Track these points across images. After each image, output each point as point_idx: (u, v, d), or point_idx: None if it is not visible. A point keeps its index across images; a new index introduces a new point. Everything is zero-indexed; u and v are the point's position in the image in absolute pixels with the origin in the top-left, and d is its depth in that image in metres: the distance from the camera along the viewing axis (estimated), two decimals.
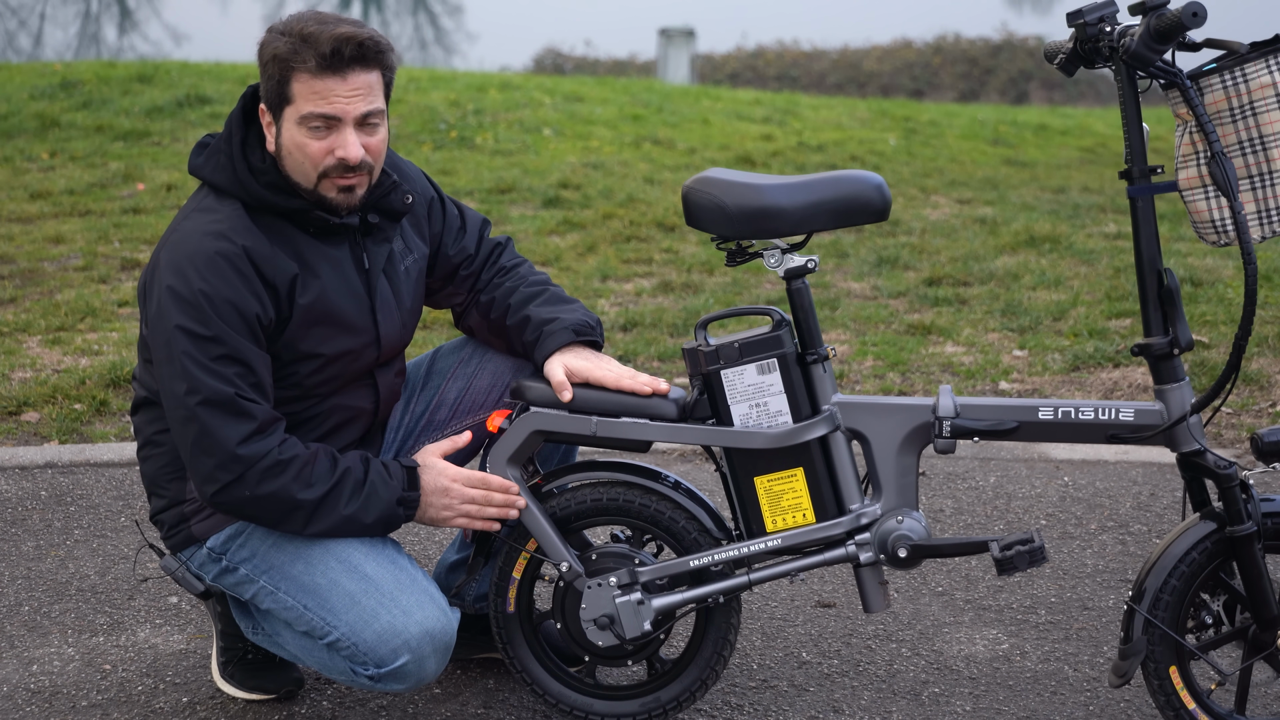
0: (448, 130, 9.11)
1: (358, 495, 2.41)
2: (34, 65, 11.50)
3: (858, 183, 2.46)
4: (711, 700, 2.81)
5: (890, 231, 7.01)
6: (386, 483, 2.44)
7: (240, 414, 2.34)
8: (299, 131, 2.39)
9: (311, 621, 2.47)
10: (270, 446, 2.35)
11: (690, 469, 4.06)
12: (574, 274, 6.17)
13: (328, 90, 2.36)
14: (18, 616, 3.16)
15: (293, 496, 2.37)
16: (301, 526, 2.40)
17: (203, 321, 2.33)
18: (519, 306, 2.65)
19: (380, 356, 2.58)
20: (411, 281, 2.62)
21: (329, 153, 2.39)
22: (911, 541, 2.51)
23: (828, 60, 19.27)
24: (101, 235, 6.62)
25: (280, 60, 2.36)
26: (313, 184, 2.43)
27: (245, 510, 2.39)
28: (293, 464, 2.36)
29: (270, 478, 2.35)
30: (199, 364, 2.33)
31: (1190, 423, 2.41)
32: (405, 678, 2.43)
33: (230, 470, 2.34)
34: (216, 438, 2.33)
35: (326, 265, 2.47)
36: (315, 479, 2.38)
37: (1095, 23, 2.36)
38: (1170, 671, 2.47)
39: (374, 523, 2.44)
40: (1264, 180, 2.32)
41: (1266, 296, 5.52)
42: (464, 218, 2.73)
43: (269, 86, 2.40)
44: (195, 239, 2.38)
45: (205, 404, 2.32)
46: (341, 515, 2.41)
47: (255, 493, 2.35)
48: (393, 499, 2.44)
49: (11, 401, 4.46)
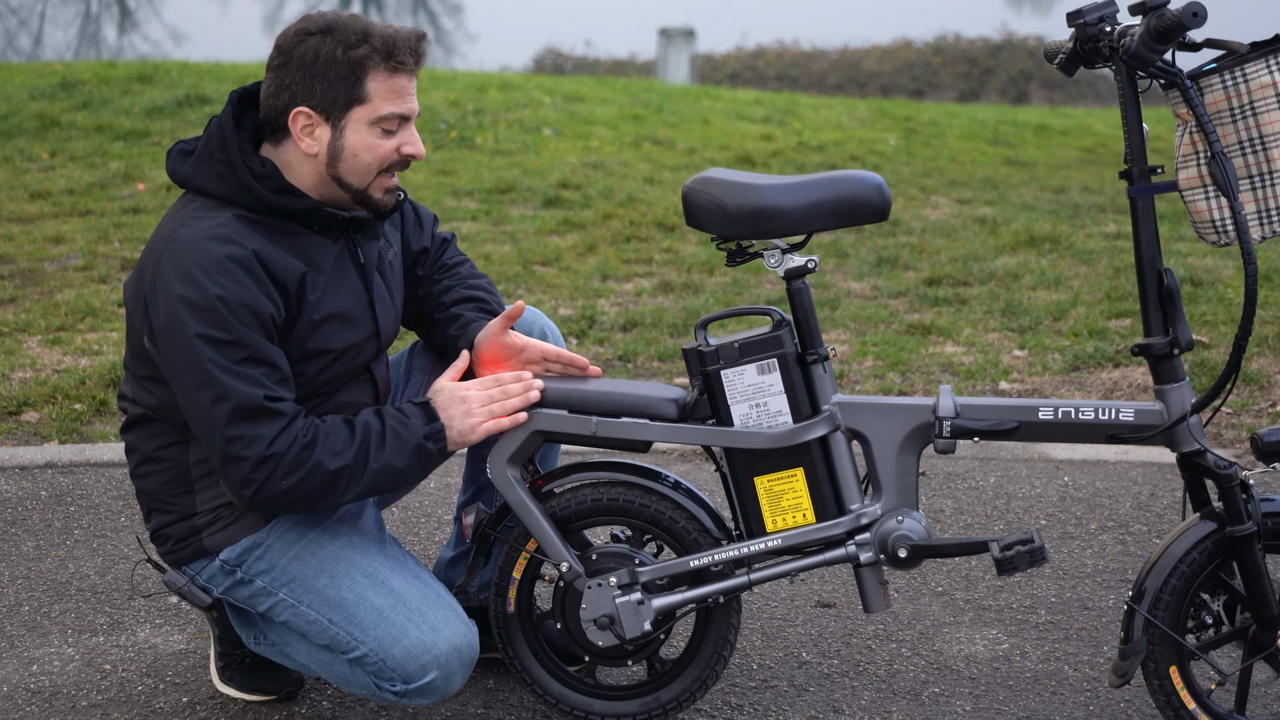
0: (448, 130, 9.11)
1: (383, 446, 2.38)
2: (34, 65, 11.50)
3: (858, 183, 2.46)
4: (711, 700, 2.81)
5: (890, 231, 7.01)
6: (406, 424, 2.41)
7: (270, 415, 2.31)
8: (370, 133, 2.38)
9: (336, 636, 2.45)
10: (295, 434, 2.33)
11: (690, 469, 4.06)
12: (574, 274, 6.17)
13: (403, 89, 2.39)
14: (18, 616, 3.16)
15: (325, 470, 2.34)
16: (342, 494, 2.37)
17: (222, 327, 2.30)
18: (451, 304, 2.69)
19: (380, 349, 2.60)
20: (396, 275, 2.64)
21: (395, 151, 2.41)
22: (911, 541, 2.51)
23: (828, 60, 19.28)
24: (101, 235, 6.62)
25: (358, 61, 2.35)
26: (368, 184, 2.43)
27: (285, 501, 2.35)
28: (315, 442, 2.34)
29: (300, 463, 2.32)
30: (225, 369, 2.29)
31: (1190, 423, 2.41)
32: (432, 693, 2.43)
33: (264, 469, 2.31)
34: (249, 443, 2.30)
35: (329, 262, 2.47)
36: (340, 446, 2.36)
37: (1095, 23, 2.36)
38: (1170, 671, 2.47)
39: (408, 466, 2.40)
40: (1264, 180, 2.32)
41: (1266, 296, 5.52)
42: (418, 213, 2.76)
43: (331, 88, 2.36)
44: (201, 245, 2.33)
45: (236, 411, 2.29)
46: (374, 470, 2.37)
47: (290, 482, 2.32)
48: (418, 437, 2.40)
49: (11, 401, 4.46)
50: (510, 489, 2.52)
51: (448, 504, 3.79)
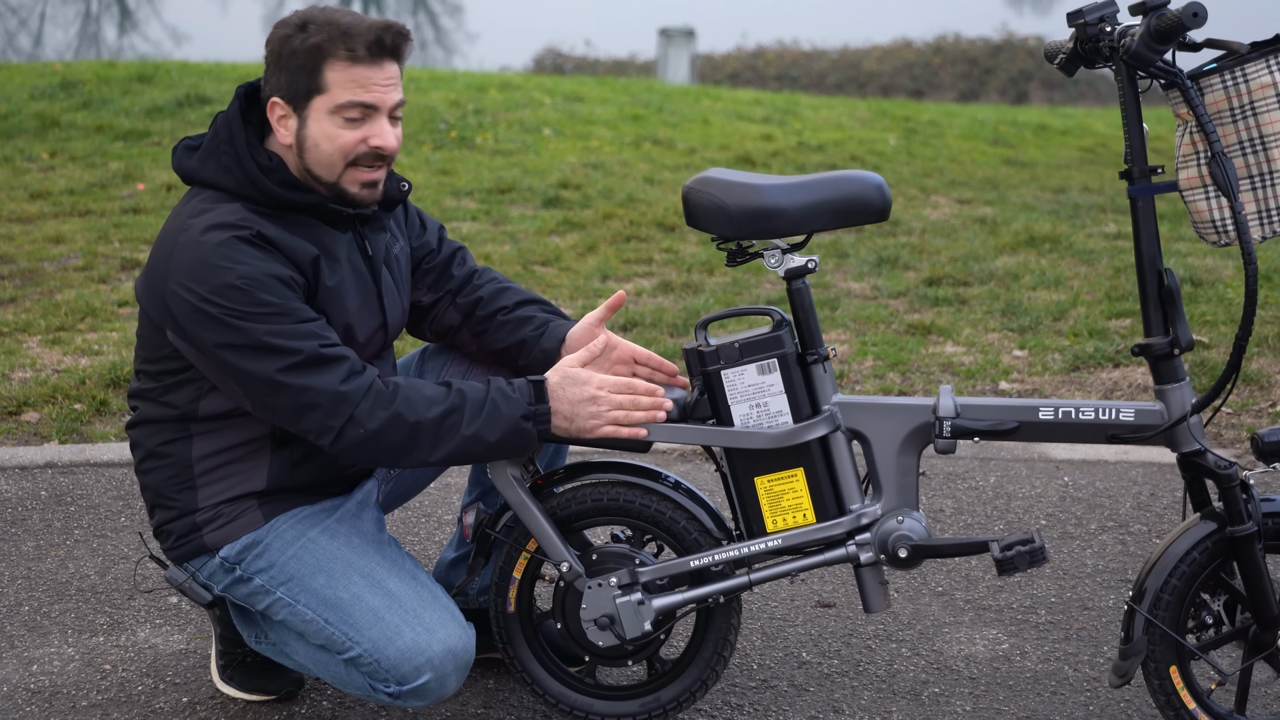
0: (448, 130, 9.11)
1: (478, 414, 2.35)
2: (34, 65, 11.50)
3: (858, 183, 2.46)
4: (711, 700, 2.81)
5: (890, 231, 7.01)
6: (509, 398, 2.38)
7: (331, 361, 2.31)
8: (331, 122, 2.38)
9: (331, 636, 2.45)
10: (370, 378, 2.33)
11: (690, 469, 4.06)
12: (574, 274, 6.17)
13: (366, 79, 2.36)
14: (18, 616, 3.16)
15: (409, 421, 2.32)
16: (429, 452, 2.35)
17: (256, 302, 2.30)
18: (515, 306, 2.68)
19: (387, 341, 2.60)
20: (403, 269, 2.65)
21: (361, 142, 2.39)
22: (912, 542, 2.51)
23: (828, 60, 19.28)
24: (101, 235, 6.62)
25: (315, 49, 2.35)
26: (336, 176, 2.42)
27: (370, 449, 2.34)
28: (400, 390, 2.33)
29: (380, 407, 2.31)
30: (273, 334, 2.29)
31: (1190, 423, 2.41)
32: (426, 695, 2.42)
33: (340, 414, 2.30)
34: (316, 388, 2.30)
35: (341, 251, 2.48)
36: (431, 401, 2.34)
37: (1095, 23, 2.36)
38: (1170, 671, 2.47)
39: (500, 441, 2.37)
40: (1264, 180, 2.32)
41: (1266, 296, 5.52)
42: (421, 217, 2.76)
43: (293, 78, 2.38)
44: (214, 233, 2.34)
45: (296, 368, 2.30)
46: (464, 435, 2.35)
47: (371, 427, 2.31)
48: (517, 414, 2.37)
49: (11, 401, 4.46)
50: (510, 489, 2.52)
51: (448, 504, 3.79)
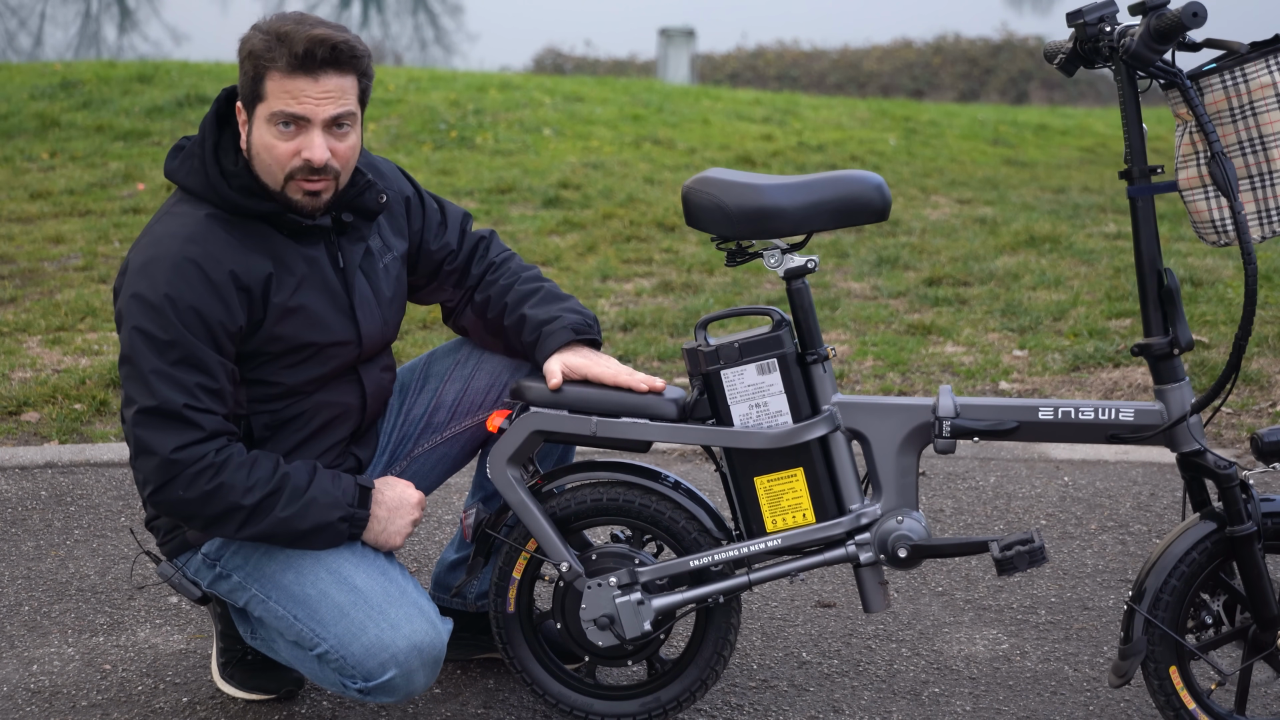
0: (448, 130, 9.11)
1: (295, 501, 2.39)
2: (34, 65, 11.50)
3: (858, 183, 2.46)
4: (711, 700, 2.81)
5: (890, 231, 7.01)
6: (331, 496, 2.42)
7: (185, 423, 2.33)
8: (267, 130, 2.38)
9: (301, 632, 2.46)
10: (206, 451, 2.34)
11: (690, 469, 4.06)
12: (574, 274, 6.17)
13: (298, 90, 2.35)
14: (18, 616, 3.16)
15: (225, 501, 2.36)
16: (237, 530, 2.39)
17: (162, 326, 2.33)
18: (515, 305, 2.65)
19: (362, 353, 2.58)
20: (391, 278, 2.62)
21: (295, 154, 2.38)
22: (911, 541, 2.51)
23: (828, 60, 19.28)
24: (101, 235, 6.62)
25: (255, 57, 2.36)
26: (279, 185, 2.41)
27: (181, 511, 2.39)
28: (227, 466, 2.35)
29: (203, 479, 2.34)
30: (154, 368, 2.33)
31: (1190, 423, 2.41)
32: (393, 691, 2.43)
33: (165, 473, 2.34)
34: (154, 444, 2.33)
35: (302, 264, 2.47)
36: (251, 488, 2.37)
37: (1095, 23, 2.36)
38: (1170, 671, 2.47)
39: (309, 531, 2.41)
40: (1264, 180, 2.32)
41: (1266, 296, 5.52)
42: (444, 212, 2.73)
43: (244, 83, 2.40)
44: (165, 243, 2.38)
45: (152, 412, 2.33)
46: (275, 518, 2.38)
47: (187, 496, 2.35)
48: (334, 515, 2.42)
49: (11, 401, 4.46)
50: (510, 489, 2.53)
51: (448, 504, 3.79)
